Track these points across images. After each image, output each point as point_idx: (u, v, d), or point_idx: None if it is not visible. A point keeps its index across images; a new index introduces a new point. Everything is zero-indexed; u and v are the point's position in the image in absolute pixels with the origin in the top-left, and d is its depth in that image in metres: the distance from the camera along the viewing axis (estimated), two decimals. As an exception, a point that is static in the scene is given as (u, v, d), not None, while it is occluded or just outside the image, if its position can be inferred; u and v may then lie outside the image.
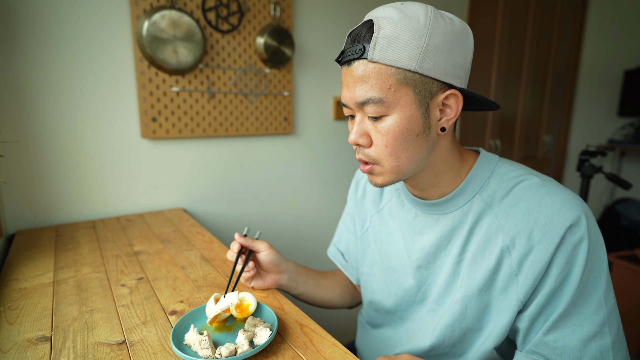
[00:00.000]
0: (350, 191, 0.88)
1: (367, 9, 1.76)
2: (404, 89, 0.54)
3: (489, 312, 0.60)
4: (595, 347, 0.52)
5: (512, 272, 0.56)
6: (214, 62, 1.41)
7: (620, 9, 2.80)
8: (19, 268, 0.88)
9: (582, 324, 0.53)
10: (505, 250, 0.57)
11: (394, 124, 0.55)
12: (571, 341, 0.53)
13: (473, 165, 0.64)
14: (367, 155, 0.59)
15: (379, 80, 0.53)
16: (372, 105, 0.55)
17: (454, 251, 0.64)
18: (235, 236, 0.74)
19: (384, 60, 0.52)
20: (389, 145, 0.56)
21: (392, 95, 0.54)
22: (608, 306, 0.53)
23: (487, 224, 0.59)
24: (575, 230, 0.52)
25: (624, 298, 1.90)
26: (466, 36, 0.56)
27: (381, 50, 0.52)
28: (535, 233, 0.54)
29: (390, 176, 0.60)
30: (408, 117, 0.55)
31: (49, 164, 1.20)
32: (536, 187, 0.57)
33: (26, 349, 0.58)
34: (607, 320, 0.53)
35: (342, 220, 0.92)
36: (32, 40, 1.12)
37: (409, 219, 0.71)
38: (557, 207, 0.54)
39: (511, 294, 0.57)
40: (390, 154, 0.57)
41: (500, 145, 2.60)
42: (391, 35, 0.52)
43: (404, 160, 0.57)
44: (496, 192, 0.60)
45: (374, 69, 0.53)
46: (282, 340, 0.61)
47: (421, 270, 0.69)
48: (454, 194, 0.63)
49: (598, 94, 2.97)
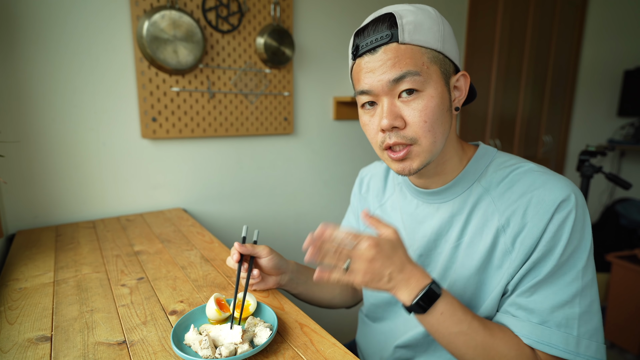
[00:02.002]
0: (355, 189, 0.90)
1: (367, 9, 1.76)
2: (433, 66, 0.58)
3: (485, 289, 0.62)
4: (563, 314, 0.55)
5: (507, 249, 0.59)
6: (214, 62, 1.41)
7: (620, 9, 2.80)
8: (19, 268, 0.88)
9: (556, 293, 0.55)
10: (501, 229, 0.60)
11: (430, 100, 0.57)
12: (542, 305, 0.56)
13: (473, 155, 0.67)
14: (403, 137, 0.58)
15: (412, 59, 0.56)
16: (409, 79, 0.56)
17: (452, 236, 0.66)
18: (235, 245, 0.73)
19: (415, 41, 0.56)
20: (427, 120, 0.57)
21: (426, 72, 0.57)
22: (584, 281, 0.55)
23: (484, 208, 0.62)
24: (564, 206, 0.55)
25: (624, 298, 1.90)
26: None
27: (410, 33, 0.56)
28: (529, 211, 0.57)
29: (426, 156, 0.60)
30: (440, 92, 0.58)
31: (49, 164, 1.20)
32: (531, 172, 0.61)
33: (26, 349, 0.58)
34: (580, 293, 0.55)
35: (346, 219, 0.93)
36: (32, 41, 1.12)
37: (410, 209, 0.73)
38: (550, 187, 0.57)
39: (504, 269, 0.59)
40: (429, 129, 0.58)
41: (500, 145, 2.60)
42: (415, 22, 0.56)
43: (439, 135, 0.59)
44: (493, 179, 0.63)
45: (405, 49, 0.56)
46: (282, 340, 0.61)
47: (422, 258, 0.70)
48: (454, 182, 0.66)
49: (598, 94, 2.97)
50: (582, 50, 2.99)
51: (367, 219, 0.60)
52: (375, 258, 0.54)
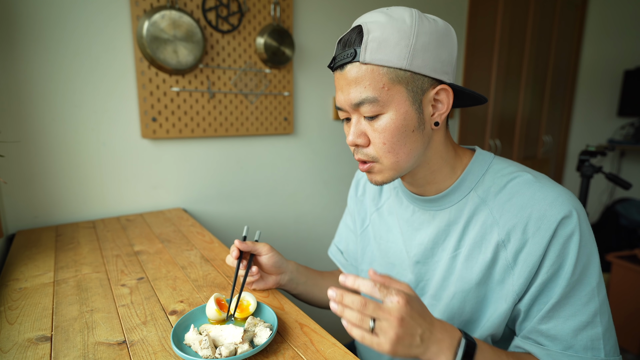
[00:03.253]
0: (351, 190, 0.90)
1: (366, 9, 1.76)
2: (396, 87, 0.56)
3: (487, 303, 0.62)
4: (587, 336, 0.54)
5: (508, 265, 0.58)
6: (214, 62, 1.41)
7: (620, 9, 2.80)
8: (19, 268, 0.88)
9: (575, 315, 0.55)
10: (501, 244, 0.59)
11: (390, 122, 0.57)
12: (564, 330, 0.55)
13: (469, 162, 0.65)
14: (365, 155, 0.61)
15: (372, 81, 0.55)
16: (368, 105, 0.56)
17: (450, 246, 0.65)
18: (235, 242, 0.73)
19: (376, 61, 0.54)
20: (386, 142, 0.58)
21: (385, 94, 0.56)
22: (600, 297, 0.55)
23: (482, 219, 0.61)
24: (567, 223, 0.54)
25: (624, 298, 1.90)
26: (450, 34, 0.59)
27: (372, 52, 0.54)
28: (530, 227, 0.56)
29: (389, 173, 0.61)
30: (403, 113, 0.57)
31: (49, 164, 1.20)
32: (530, 183, 0.59)
33: (26, 349, 0.58)
34: (599, 311, 0.55)
35: (343, 220, 0.93)
36: (32, 41, 1.12)
37: (406, 215, 0.72)
38: (550, 202, 0.56)
39: (507, 285, 0.59)
40: (389, 150, 0.58)
41: (500, 145, 2.60)
42: (380, 37, 0.54)
43: (402, 155, 0.59)
44: (491, 188, 0.62)
45: (366, 70, 0.55)
46: (282, 340, 0.61)
47: (419, 265, 0.70)
48: (450, 190, 0.65)
49: (598, 94, 2.97)
50: (582, 50, 2.99)
51: (376, 278, 0.52)
52: (406, 317, 0.48)
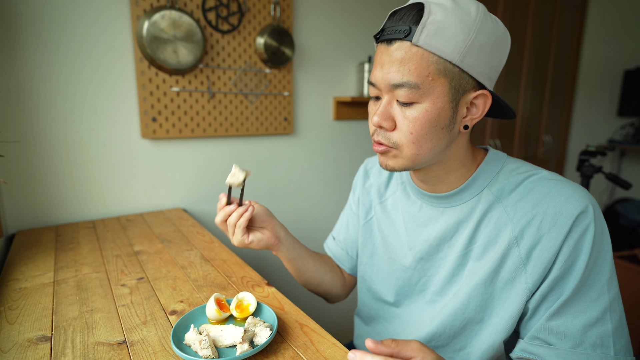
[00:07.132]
0: (358, 177, 0.87)
1: (366, 9, 1.76)
2: (441, 79, 0.53)
3: (492, 303, 0.60)
4: (596, 333, 0.53)
5: (521, 261, 0.56)
6: (214, 62, 1.41)
7: (620, 9, 2.80)
8: (19, 268, 0.88)
9: (584, 311, 0.53)
10: (514, 241, 0.57)
11: (423, 113, 0.54)
12: (573, 326, 0.53)
13: (482, 161, 0.64)
14: (387, 139, 0.58)
15: (418, 66, 0.52)
16: (406, 90, 0.54)
17: (459, 244, 0.64)
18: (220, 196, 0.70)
19: (429, 47, 0.51)
20: (414, 132, 0.55)
21: (428, 84, 0.53)
22: (611, 294, 0.54)
23: (496, 217, 0.60)
24: (582, 219, 0.53)
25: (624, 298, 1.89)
26: (506, 41, 0.56)
27: (428, 36, 0.51)
28: (545, 223, 0.54)
29: (404, 162, 0.59)
30: (439, 108, 0.54)
31: (49, 164, 1.20)
32: (544, 180, 0.58)
33: (26, 349, 0.58)
34: (609, 308, 0.53)
35: (344, 211, 0.90)
36: (32, 41, 1.12)
37: (413, 210, 0.71)
38: (566, 198, 0.54)
39: (519, 284, 0.57)
40: (413, 141, 0.56)
41: (500, 145, 2.60)
42: (441, 23, 0.51)
43: (425, 150, 0.57)
44: (505, 186, 0.60)
45: (416, 53, 0.52)
46: (282, 340, 0.61)
47: (423, 261, 0.69)
48: (463, 187, 0.63)
49: (598, 94, 2.97)
50: (582, 50, 2.99)
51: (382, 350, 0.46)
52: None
